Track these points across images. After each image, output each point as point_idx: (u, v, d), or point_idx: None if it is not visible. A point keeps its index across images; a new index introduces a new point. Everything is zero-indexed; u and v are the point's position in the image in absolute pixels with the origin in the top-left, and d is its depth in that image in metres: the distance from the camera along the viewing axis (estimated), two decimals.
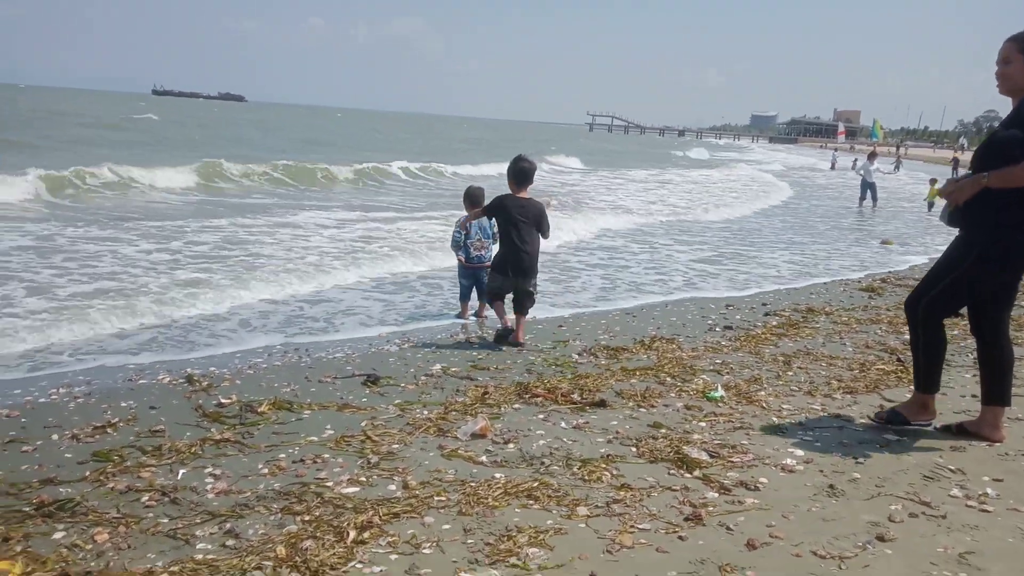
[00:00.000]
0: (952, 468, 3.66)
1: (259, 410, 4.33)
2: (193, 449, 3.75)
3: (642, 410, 4.46)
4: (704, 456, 3.72)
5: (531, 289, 6.09)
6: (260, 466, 3.58)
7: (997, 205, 3.73)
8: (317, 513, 3.08)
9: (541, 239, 6.12)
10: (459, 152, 39.96)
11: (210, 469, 3.53)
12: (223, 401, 4.51)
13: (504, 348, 5.97)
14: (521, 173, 6.00)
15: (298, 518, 3.03)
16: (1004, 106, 3.90)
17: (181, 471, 3.50)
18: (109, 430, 4.02)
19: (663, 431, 4.10)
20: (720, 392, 4.73)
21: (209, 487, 3.34)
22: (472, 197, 6.93)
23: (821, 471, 3.61)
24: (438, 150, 40.48)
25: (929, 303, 4.01)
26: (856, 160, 32.40)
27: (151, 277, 7.92)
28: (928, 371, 4.11)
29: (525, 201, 5.99)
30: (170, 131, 40.23)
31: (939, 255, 4.19)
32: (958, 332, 6.56)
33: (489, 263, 6.58)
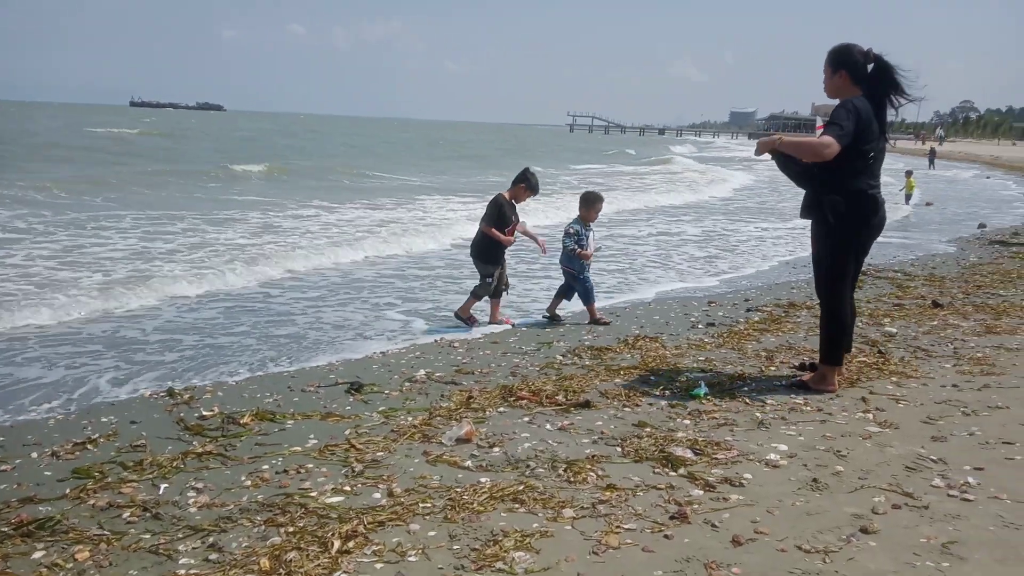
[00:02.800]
0: (934, 458, 3.68)
1: (241, 421, 4.30)
2: (175, 463, 3.72)
3: (627, 409, 4.46)
4: (689, 454, 3.73)
5: (482, 273, 7.01)
6: (243, 478, 3.55)
7: (824, 181, 4.55)
8: (301, 524, 3.05)
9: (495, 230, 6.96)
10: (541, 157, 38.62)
11: (192, 483, 3.50)
12: (205, 414, 4.47)
13: (488, 351, 5.97)
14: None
15: (282, 530, 3.01)
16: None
17: (163, 486, 3.47)
18: (90, 446, 3.98)
19: (648, 430, 4.10)
20: (704, 389, 4.74)
21: (191, 501, 3.31)
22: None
23: (804, 465, 3.62)
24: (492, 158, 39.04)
25: (827, 282, 4.65)
26: None
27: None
28: (831, 345, 4.71)
29: None
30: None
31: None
32: (937, 322, 6.62)
33: (570, 267, 7.05)
